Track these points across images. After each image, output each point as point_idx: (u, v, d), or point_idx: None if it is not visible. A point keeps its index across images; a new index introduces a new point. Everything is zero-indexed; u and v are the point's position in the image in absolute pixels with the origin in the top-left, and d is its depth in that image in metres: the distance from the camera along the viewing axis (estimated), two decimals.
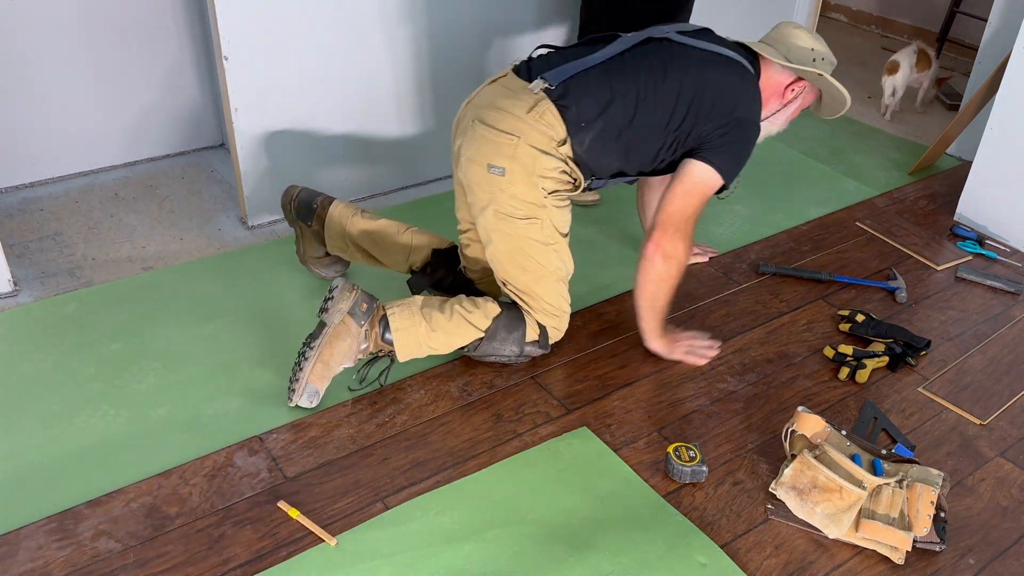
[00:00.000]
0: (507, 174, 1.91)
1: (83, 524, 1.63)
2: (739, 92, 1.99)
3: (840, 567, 1.64)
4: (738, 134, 1.98)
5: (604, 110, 1.92)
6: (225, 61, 2.36)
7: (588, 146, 1.93)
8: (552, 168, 1.93)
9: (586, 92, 1.92)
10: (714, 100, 1.95)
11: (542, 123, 1.90)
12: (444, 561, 1.60)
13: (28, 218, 2.63)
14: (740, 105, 1.98)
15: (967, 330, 2.32)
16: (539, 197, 1.94)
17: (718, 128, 1.95)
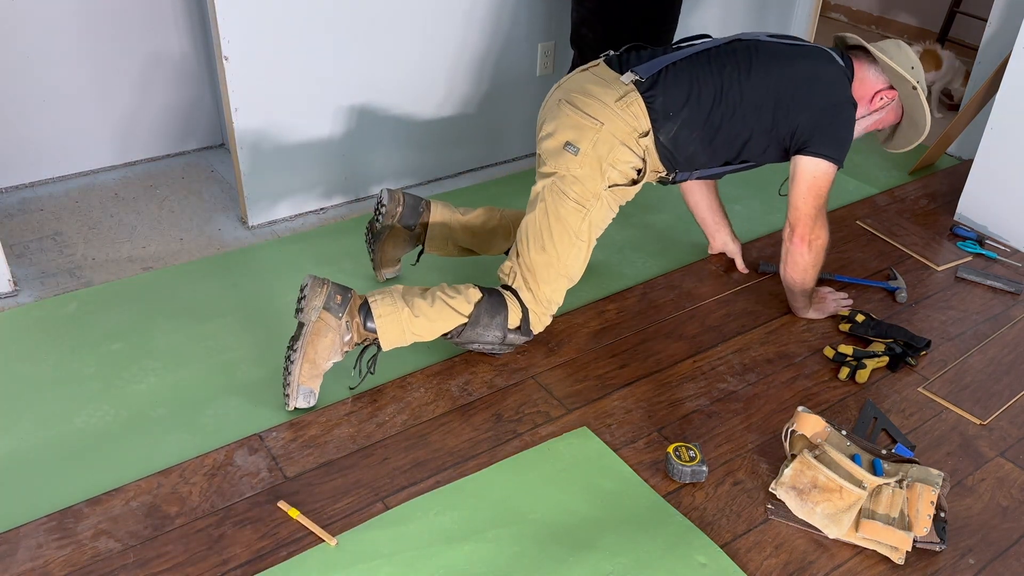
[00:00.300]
0: (579, 155, 1.98)
1: (83, 523, 1.63)
2: (830, 78, 2.05)
3: (840, 567, 1.64)
4: (835, 117, 2.04)
5: (687, 99, 1.99)
6: (225, 61, 2.36)
7: (674, 135, 2.00)
8: (624, 160, 1.99)
9: (673, 83, 1.99)
10: (808, 90, 2.02)
11: (628, 113, 1.97)
12: (444, 561, 1.60)
13: (28, 218, 2.63)
14: (834, 89, 2.04)
15: (967, 330, 2.32)
16: (598, 187, 2.00)
17: (814, 117, 2.02)
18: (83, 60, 2.74)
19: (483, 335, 2.02)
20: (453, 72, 2.83)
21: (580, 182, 1.99)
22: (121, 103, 2.86)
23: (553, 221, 2.02)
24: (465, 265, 2.46)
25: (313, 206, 2.74)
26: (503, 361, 2.11)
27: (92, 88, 2.79)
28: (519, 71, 2.96)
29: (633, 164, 2.01)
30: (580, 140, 1.98)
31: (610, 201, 2.05)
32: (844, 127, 2.06)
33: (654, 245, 2.64)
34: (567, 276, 2.07)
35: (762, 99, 2.01)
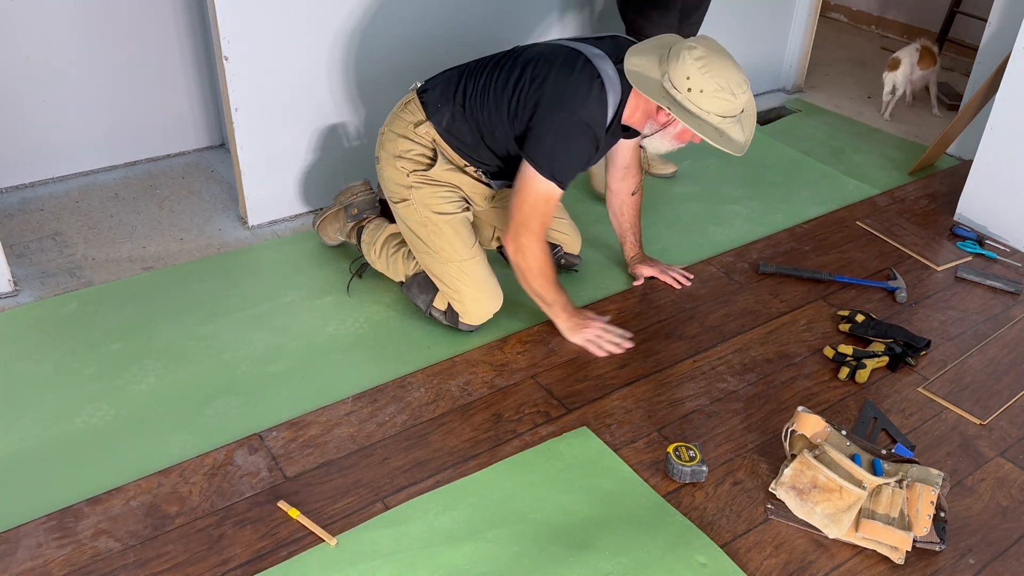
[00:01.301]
0: (380, 161, 2.21)
1: (83, 522, 1.63)
2: (558, 86, 1.97)
3: (840, 567, 1.64)
4: (548, 126, 1.97)
5: (455, 92, 2.11)
6: (225, 61, 2.36)
7: (447, 123, 2.11)
8: (408, 149, 2.14)
9: (445, 82, 2.15)
10: (530, 90, 2.00)
11: (404, 111, 2.17)
12: (444, 561, 1.60)
13: (28, 218, 2.63)
14: (556, 97, 1.96)
15: (967, 330, 2.32)
16: (403, 178, 2.15)
17: (531, 118, 2.00)
18: (83, 60, 2.74)
19: (414, 299, 2.26)
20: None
21: (392, 181, 2.18)
22: (121, 103, 2.86)
23: (404, 227, 2.21)
24: None
25: (313, 206, 2.74)
26: (503, 361, 2.11)
27: (92, 88, 2.79)
28: None
29: (419, 152, 2.14)
30: (379, 150, 2.22)
31: (421, 182, 2.14)
32: (551, 135, 1.97)
33: (654, 245, 2.64)
34: (449, 262, 2.15)
35: (502, 95, 2.04)
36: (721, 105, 1.89)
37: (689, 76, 1.87)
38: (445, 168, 2.13)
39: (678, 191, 2.96)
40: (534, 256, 2.08)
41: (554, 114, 1.96)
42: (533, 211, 2.04)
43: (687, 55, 1.88)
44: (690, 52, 1.88)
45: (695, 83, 1.87)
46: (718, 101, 1.88)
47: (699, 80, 1.87)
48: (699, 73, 1.87)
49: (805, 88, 3.91)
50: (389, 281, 2.39)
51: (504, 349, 2.15)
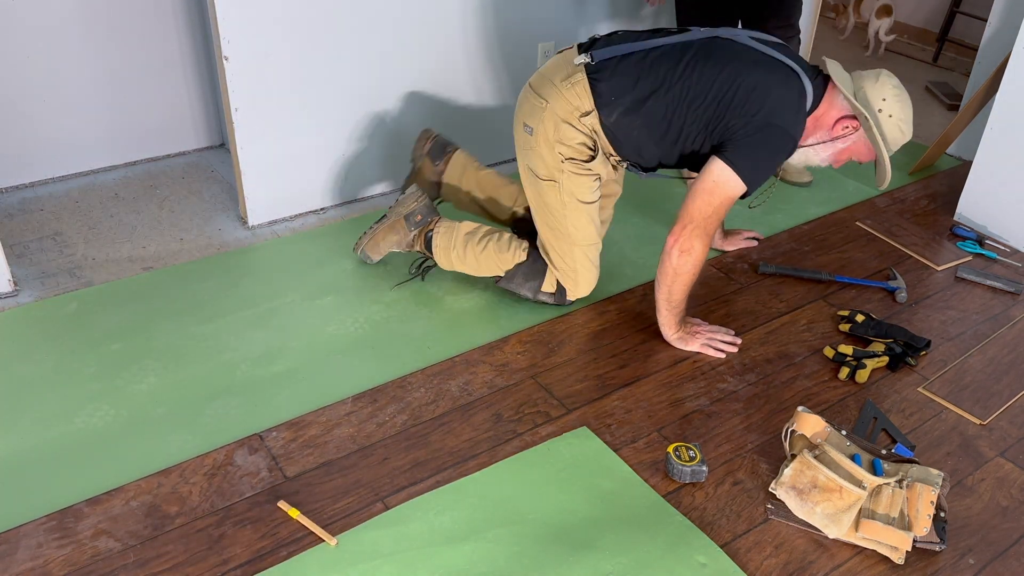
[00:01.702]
0: (535, 134, 2.14)
1: (83, 522, 1.63)
2: (777, 97, 1.98)
3: (840, 567, 1.64)
4: (764, 138, 1.98)
5: (634, 88, 2.03)
6: (225, 61, 2.36)
7: (616, 120, 2.06)
8: (571, 138, 2.09)
9: (622, 71, 2.04)
10: (747, 97, 1.97)
11: (571, 93, 2.06)
12: (444, 561, 1.60)
13: (28, 218, 2.63)
14: (775, 110, 1.97)
15: (967, 330, 2.32)
16: (557, 162, 2.12)
17: (744, 126, 1.97)
18: (83, 60, 2.74)
19: (517, 289, 2.29)
20: (452, 72, 2.83)
21: (542, 159, 2.14)
22: (121, 103, 2.86)
23: (538, 202, 2.20)
24: None
25: (313, 206, 2.74)
26: (503, 361, 2.11)
27: (92, 88, 2.79)
28: (519, 71, 2.96)
29: (581, 141, 2.10)
30: (533, 120, 2.13)
31: (575, 170, 2.12)
32: (767, 151, 2.00)
33: (655, 246, 2.64)
34: (575, 243, 2.20)
35: (703, 96, 2.00)
36: (895, 135, 2.03)
37: (885, 99, 2.00)
38: (600, 161, 2.15)
39: (679, 191, 2.95)
40: (695, 261, 2.06)
41: (772, 127, 1.98)
42: (716, 214, 2.03)
43: (886, 79, 2.02)
44: (888, 78, 2.03)
45: (888, 107, 2.00)
46: (897, 131, 2.02)
47: (893, 105, 2.00)
48: (894, 99, 2.00)
49: None
50: (389, 281, 2.39)
51: (504, 349, 2.15)
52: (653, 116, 2.04)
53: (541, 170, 2.15)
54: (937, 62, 4.36)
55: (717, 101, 1.99)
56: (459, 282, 2.41)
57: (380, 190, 2.86)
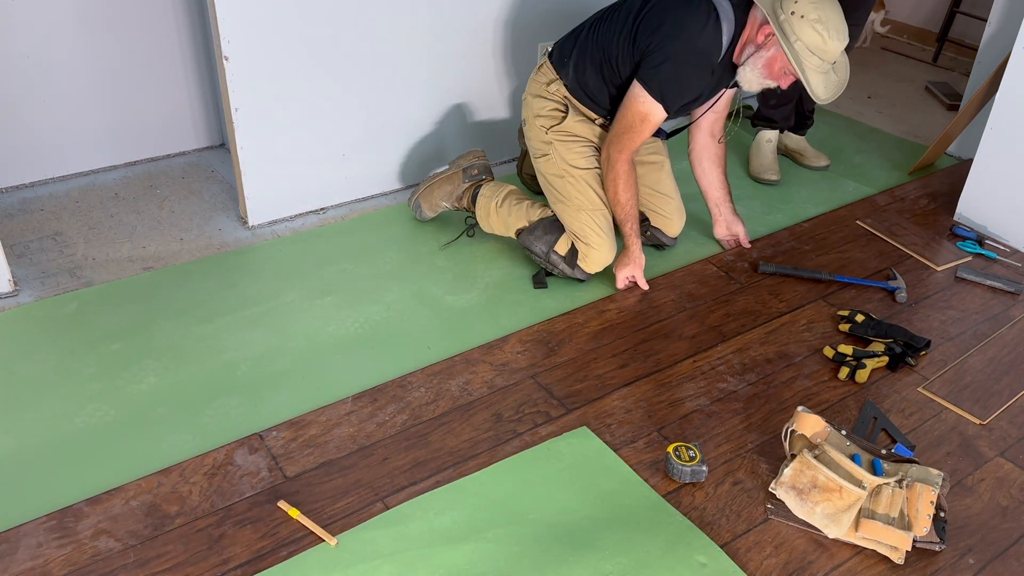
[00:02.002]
0: (525, 124, 2.46)
1: (83, 522, 1.63)
2: (678, 15, 2.13)
3: (840, 567, 1.64)
4: (667, 54, 2.13)
5: (574, 44, 2.34)
6: (225, 61, 2.36)
7: (572, 75, 2.34)
8: (543, 107, 2.39)
9: (567, 38, 2.39)
10: (652, 17, 2.16)
11: (539, 75, 2.42)
12: (444, 561, 1.60)
13: (28, 218, 2.63)
14: (678, 23, 2.12)
15: (967, 330, 2.32)
16: (543, 135, 2.39)
17: (649, 45, 2.16)
18: (83, 60, 2.74)
19: (533, 244, 2.40)
20: (452, 72, 2.83)
21: (534, 140, 2.42)
22: (121, 103, 2.86)
23: (545, 183, 2.43)
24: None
25: (313, 206, 2.74)
26: (503, 361, 2.11)
27: (92, 88, 2.79)
28: (519, 71, 2.96)
29: (552, 107, 2.38)
30: (523, 114, 2.47)
31: (560, 138, 2.36)
32: (669, 63, 2.14)
33: None
34: (580, 207, 2.35)
35: (623, 20, 2.22)
36: (813, 39, 2.04)
37: (794, 11, 2.03)
38: (576, 120, 2.35)
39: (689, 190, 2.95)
40: (617, 174, 2.28)
41: (672, 42, 2.12)
42: (629, 128, 2.22)
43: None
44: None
45: (799, 8, 2.03)
46: (812, 33, 2.03)
47: (804, 6, 2.03)
48: (816, 8, 2.03)
49: None
50: (389, 281, 2.39)
51: (504, 349, 2.15)
52: (587, 48, 2.29)
53: (536, 150, 2.41)
54: (937, 62, 4.36)
55: (632, 21, 2.19)
56: (459, 281, 2.41)
57: (380, 190, 2.86)
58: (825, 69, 2.09)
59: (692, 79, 2.18)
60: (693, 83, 2.20)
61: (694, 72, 2.17)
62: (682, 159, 2.77)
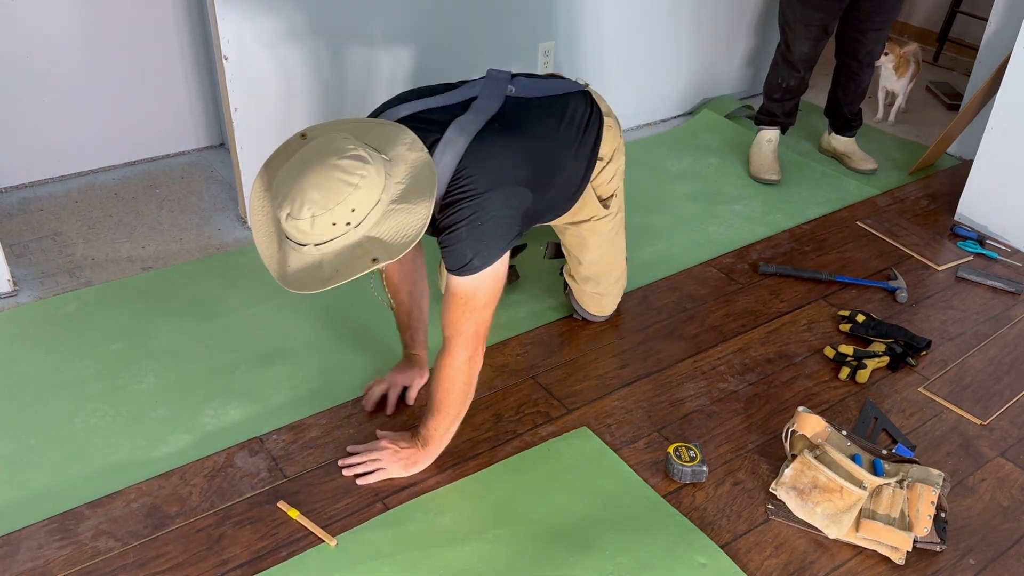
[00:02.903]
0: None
1: (84, 524, 1.63)
2: None
3: (840, 567, 1.63)
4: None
5: None
6: (225, 61, 2.36)
7: None
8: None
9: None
10: None
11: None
12: (444, 561, 1.59)
13: (28, 218, 2.63)
14: None
15: (967, 330, 2.32)
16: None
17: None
18: (83, 60, 2.74)
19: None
20: (452, 72, 2.82)
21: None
22: (121, 103, 2.86)
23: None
24: None
25: None
26: (503, 361, 2.11)
27: (92, 88, 2.78)
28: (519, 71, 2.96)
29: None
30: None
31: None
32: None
33: (653, 246, 2.64)
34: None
35: None
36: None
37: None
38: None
39: (678, 191, 2.96)
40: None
41: None
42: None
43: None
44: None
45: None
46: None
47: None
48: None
49: None
50: None
51: (504, 351, 2.15)
52: None
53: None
54: (937, 62, 4.36)
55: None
56: None
57: None
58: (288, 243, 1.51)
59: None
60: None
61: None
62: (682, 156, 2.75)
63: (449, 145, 1.60)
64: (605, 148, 1.95)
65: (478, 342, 1.67)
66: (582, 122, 1.88)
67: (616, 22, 3.13)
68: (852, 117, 3.17)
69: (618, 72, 3.26)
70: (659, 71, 3.37)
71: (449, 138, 1.61)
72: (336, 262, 1.46)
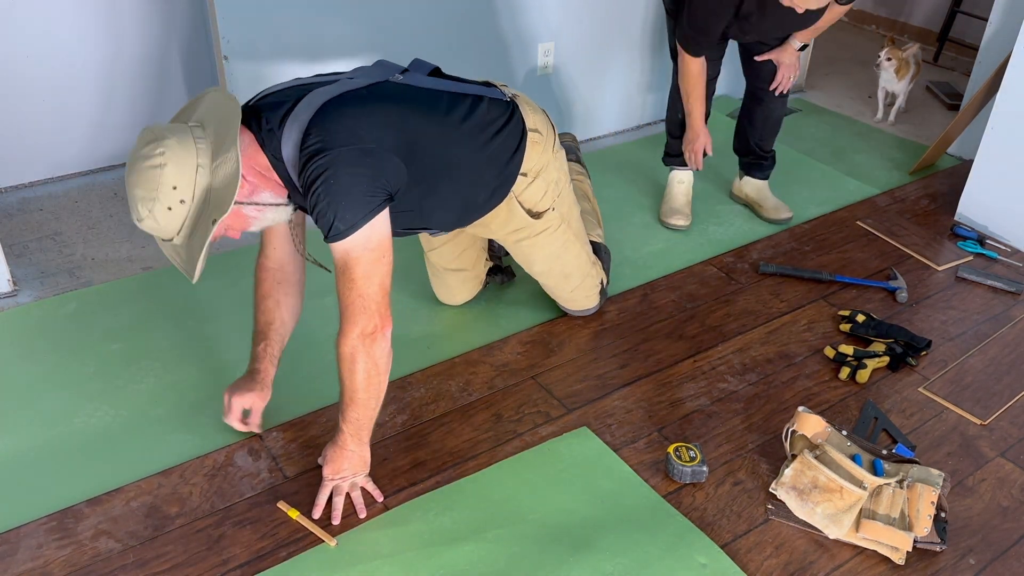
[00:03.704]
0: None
1: (83, 523, 1.63)
2: None
3: (840, 567, 1.63)
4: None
5: None
6: (225, 61, 2.36)
7: None
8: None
9: None
10: None
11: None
12: (444, 561, 1.59)
13: (28, 218, 2.63)
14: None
15: (968, 330, 2.32)
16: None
17: None
18: (83, 60, 2.74)
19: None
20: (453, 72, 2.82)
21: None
22: (121, 103, 2.86)
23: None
24: None
25: None
26: (503, 361, 2.11)
27: (92, 88, 2.79)
28: (519, 71, 2.96)
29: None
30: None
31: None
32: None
33: (654, 245, 2.64)
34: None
35: None
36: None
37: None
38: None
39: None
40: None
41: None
42: None
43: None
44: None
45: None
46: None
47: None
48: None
49: (806, 88, 3.90)
50: None
51: (504, 349, 2.15)
52: None
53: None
54: (937, 62, 4.36)
55: None
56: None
57: None
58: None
59: None
60: None
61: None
62: None
63: (300, 112, 1.55)
64: (529, 164, 1.90)
65: (369, 317, 1.56)
66: (492, 128, 1.82)
67: (616, 22, 3.13)
68: (764, 155, 2.78)
69: (619, 72, 3.26)
70: (659, 71, 3.37)
71: (300, 108, 1.56)
72: (194, 238, 1.47)
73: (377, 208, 1.55)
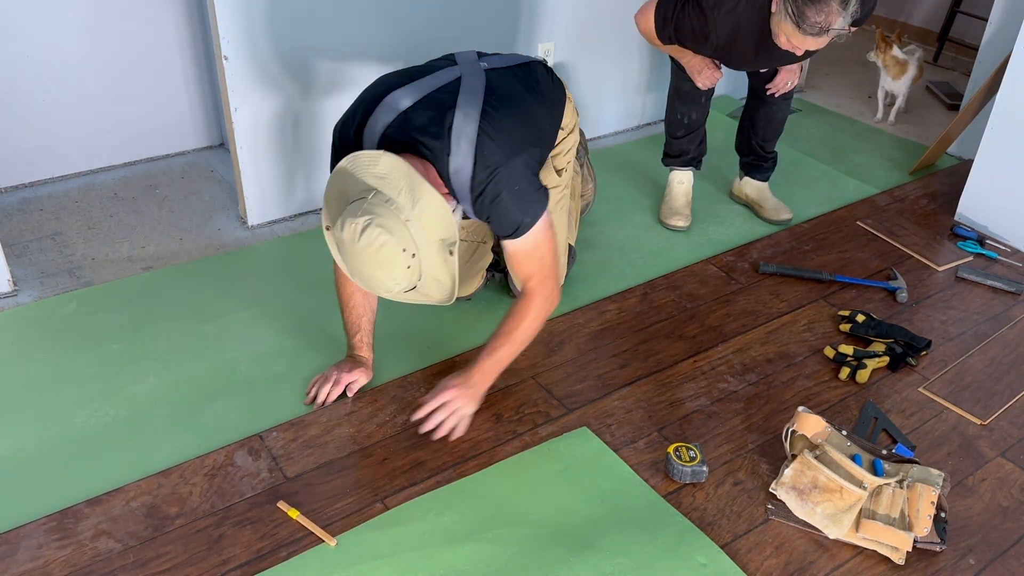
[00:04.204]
0: None
1: (83, 523, 1.63)
2: None
3: (840, 567, 1.63)
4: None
5: None
6: (225, 61, 2.36)
7: None
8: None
9: None
10: None
11: None
12: (444, 561, 1.59)
13: (28, 218, 2.63)
14: None
15: (967, 330, 2.32)
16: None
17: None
18: (83, 60, 2.74)
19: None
20: None
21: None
22: (121, 103, 2.86)
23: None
24: None
25: (313, 206, 2.74)
26: None
27: (92, 88, 2.78)
28: None
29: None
30: None
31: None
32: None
33: (654, 245, 2.64)
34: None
35: None
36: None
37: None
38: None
39: None
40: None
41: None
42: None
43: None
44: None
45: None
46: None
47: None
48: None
49: (805, 88, 3.90)
50: None
51: None
52: None
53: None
54: (937, 62, 4.36)
55: None
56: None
57: None
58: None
59: None
60: None
61: None
62: None
63: (462, 130, 1.70)
64: (567, 119, 2.04)
65: (555, 284, 1.87)
66: (547, 87, 1.97)
67: (616, 22, 3.13)
68: (765, 156, 2.77)
69: (619, 72, 3.26)
70: (659, 71, 3.37)
71: (459, 124, 1.70)
72: (433, 276, 1.64)
73: (545, 194, 1.81)
